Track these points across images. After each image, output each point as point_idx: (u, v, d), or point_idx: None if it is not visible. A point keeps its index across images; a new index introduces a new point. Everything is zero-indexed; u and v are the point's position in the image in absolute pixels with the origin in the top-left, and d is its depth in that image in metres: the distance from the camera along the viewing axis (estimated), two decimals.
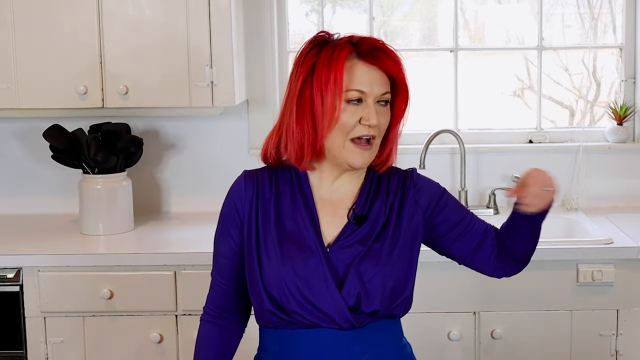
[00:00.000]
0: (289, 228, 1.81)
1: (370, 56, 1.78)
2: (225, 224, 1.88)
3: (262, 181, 1.86)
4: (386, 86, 1.80)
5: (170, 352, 2.95)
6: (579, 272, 2.90)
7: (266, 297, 1.78)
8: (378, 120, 1.77)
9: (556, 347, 2.94)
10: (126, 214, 3.23)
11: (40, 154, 3.46)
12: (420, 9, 3.72)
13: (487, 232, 1.92)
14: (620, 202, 3.51)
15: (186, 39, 3.09)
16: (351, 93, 1.76)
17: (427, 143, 3.36)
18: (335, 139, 1.77)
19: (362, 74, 1.77)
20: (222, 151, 3.52)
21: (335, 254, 1.78)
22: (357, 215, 1.82)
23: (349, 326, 1.76)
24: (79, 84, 3.10)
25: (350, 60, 1.77)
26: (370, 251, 1.78)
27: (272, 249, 1.79)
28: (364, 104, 1.77)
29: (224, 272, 1.89)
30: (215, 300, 1.92)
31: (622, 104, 3.52)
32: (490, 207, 3.43)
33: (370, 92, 1.77)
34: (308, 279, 1.76)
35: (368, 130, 1.77)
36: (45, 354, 2.96)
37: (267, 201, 1.84)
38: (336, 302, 1.75)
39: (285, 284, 1.76)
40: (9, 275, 2.93)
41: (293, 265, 1.76)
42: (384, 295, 1.77)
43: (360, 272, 1.76)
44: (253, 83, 3.47)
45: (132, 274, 2.92)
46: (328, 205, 1.84)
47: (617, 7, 3.58)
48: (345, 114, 1.76)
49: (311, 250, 1.78)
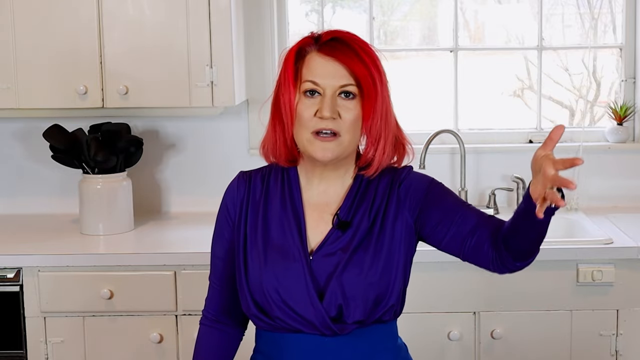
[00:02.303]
0: (275, 232, 1.79)
1: (327, 48, 1.74)
2: (219, 226, 1.88)
3: (254, 183, 1.85)
4: (345, 78, 1.72)
5: (170, 352, 2.96)
6: (579, 272, 2.90)
7: (251, 302, 1.77)
8: (340, 114, 1.71)
9: (556, 347, 2.94)
10: (126, 214, 3.23)
11: (40, 154, 3.46)
12: (420, 9, 3.72)
13: (479, 225, 1.77)
14: (620, 202, 3.51)
15: (186, 39, 3.09)
16: (305, 84, 1.73)
17: (427, 143, 3.36)
18: (299, 134, 1.74)
19: (317, 65, 1.73)
20: (222, 151, 3.52)
21: (318, 261, 1.75)
22: (340, 221, 1.78)
23: (331, 333, 1.74)
24: (79, 84, 3.10)
25: (309, 54, 1.75)
26: (352, 260, 1.74)
27: (257, 254, 1.78)
28: (322, 96, 1.72)
29: (219, 273, 1.88)
30: (213, 303, 1.91)
31: (622, 104, 3.52)
32: (490, 207, 3.43)
33: (325, 83, 1.72)
34: (289, 286, 1.73)
35: (326, 124, 1.71)
36: (45, 354, 2.96)
37: (257, 203, 1.83)
38: (317, 310, 1.72)
39: (267, 290, 1.74)
40: (9, 275, 2.93)
41: (275, 272, 1.75)
42: (367, 306, 1.73)
43: (342, 283, 1.72)
44: (253, 83, 3.47)
45: (132, 274, 2.92)
46: (315, 208, 1.81)
47: (617, 7, 3.58)
48: (302, 106, 1.73)
49: (294, 257, 1.75)
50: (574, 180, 1.51)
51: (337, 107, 1.72)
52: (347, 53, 1.73)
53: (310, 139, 1.73)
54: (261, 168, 1.89)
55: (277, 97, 1.79)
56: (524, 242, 1.72)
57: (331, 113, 1.70)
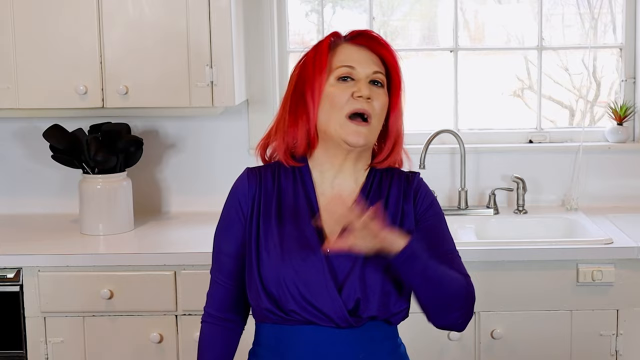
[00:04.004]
0: (290, 226, 1.80)
1: (358, 38, 1.84)
2: (228, 221, 1.87)
3: (265, 178, 1.86)
4: (377, 66, 1.82)
5: (170, 352, 2.95)
6: (579, 272, 2.90)
7: (264, 295, 1.77)
8: (372, 96, 1.78)
9: (556, 347, 2.94)
10: (126, 214, 3.23)
11: (40, 154, 3.46)
12: (420, 9, 3.72)
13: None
14: (620, 202, 3.51)
15: (186, 39, 3.09)
16: (340, 69, 1.79)
17: (427, 143, 3.36)
18: (331, 118, 1.79)
19: (351, 52, 1.81)
20: (222, 151, 3.52)
21: (336, 255, 1.77)
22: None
23: (346, 325, 1.76)
24: (79, 84, 3.10)
25: (338, 44, 1.83)
26: (373, 257, 1.74)
27: (273, 247, 1.78)
28: (355, 81, 1.79)
29: (225, 270, 1.88)
30: (216, 300, 1.90)
31: (622, 104, 3.52)
32: (490, 207, 3.43)
33: (360, 67, 1.79)
34: (307, 278, 1.75)
35: (361, 104, 1.77)
36: (45, 354, 2.96)
37: (270, 198, 1.84)
38: (335, 302, 1.74)
39: (284, 282, 1.75)
40: (9, 275, 2.93)
41: (293, 264, 1.76)
42: (384, 303, 1.76)
43: (362, 278, 1.75)
44: (253, 83, 3.47)
45: (132, 274, 2.92)
46: (329, 201, 1.81)
47: (617, 7, 3.58)
48: (337, 90, 1.78)
49: (312, 249, 1.77)
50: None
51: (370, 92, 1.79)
52: (380, 43, 1.83)
53: (344, 123, 1.78)
54: (270, 164, 1.90)
55: (298, 89, 1.82)
56: (418, 296, 1.76)
57: (369, 92, 1.78)
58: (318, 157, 1.85)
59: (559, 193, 3.52)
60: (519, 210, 3.42)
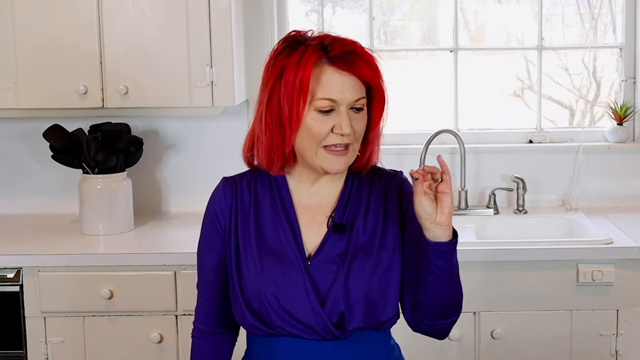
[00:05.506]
0: (269, 238, 1.76)
1: (341, 61, 1.68)
2: (208, 235, 1.85)
3: (240, 189, 1.82)
4: (360, 92, 1.70)
5: (170, 352, 2.96)
6: (579, 272, 2.90)
7: (247, 312, 1.74)
8: (353, 127, 1.68)
9: (556, 347, 2.94)
10: (126, 214, 3.23)
11: (40, 154, 3.46)
12: (420, 9, 3.72)
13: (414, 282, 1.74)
14: (620, 202, 3.51)
15: (186, 38, 3.09)
16: (321, 102, 1.67)
17: (427, 143, 3.36)
18: (306, 146, 1.70)
19: (333, 81, 1.67)
20: (222, 151, 3.52)
21: (317, 267, 1.73)
22: (336, 223, 1.76)
23: (332, 338, 1.73)
24: (79, 84, 3.10)
25: (320, 66, 1.68)
26: (354, 266, 1.72)
27: (252, 261, 1.75)
28: (337, 112, 1.68)
29: (209, 283, 1.85)
30: (204, 314, 1.88)
31: (622, 104, 3.52)
32: (490, 207, 3.43)
33: (342, 99, 1.68)
34: (289, 293, 1.71)
35: (341, 139, 1.68)
36: (45, 354, 2.96)
37: (247, 209, 1.80)
38: (318, 316, 1.71)
39: (265, 298, 1.71)
40: (9, 275, 2.93)
41: (273, 279, 1.72)
42: (367, 312, 1.72)
43: (346, 290, 1.71)
44: (253, 83, 3.47)
45: (132, 274, 2.92)
46: (307, 210, 1.79)
47: (617, 7, 3.58)
48: (317, 123, 1.68)
49: (291, 262, 1.73)
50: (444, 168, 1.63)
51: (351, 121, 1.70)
52: (362, 66, 1.69)
53: (321, 153, 1.70)
54: (244, 173, 1.85)
55: (276, 103, 1.72)
56: (427, 296, 1.70)
57: (350, 129, 1.68)
58: (295, 169, 1.79)
59: (559, 193, 3.52)
60: (519, 210, 3.42)
